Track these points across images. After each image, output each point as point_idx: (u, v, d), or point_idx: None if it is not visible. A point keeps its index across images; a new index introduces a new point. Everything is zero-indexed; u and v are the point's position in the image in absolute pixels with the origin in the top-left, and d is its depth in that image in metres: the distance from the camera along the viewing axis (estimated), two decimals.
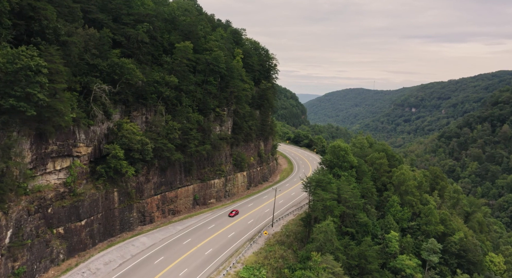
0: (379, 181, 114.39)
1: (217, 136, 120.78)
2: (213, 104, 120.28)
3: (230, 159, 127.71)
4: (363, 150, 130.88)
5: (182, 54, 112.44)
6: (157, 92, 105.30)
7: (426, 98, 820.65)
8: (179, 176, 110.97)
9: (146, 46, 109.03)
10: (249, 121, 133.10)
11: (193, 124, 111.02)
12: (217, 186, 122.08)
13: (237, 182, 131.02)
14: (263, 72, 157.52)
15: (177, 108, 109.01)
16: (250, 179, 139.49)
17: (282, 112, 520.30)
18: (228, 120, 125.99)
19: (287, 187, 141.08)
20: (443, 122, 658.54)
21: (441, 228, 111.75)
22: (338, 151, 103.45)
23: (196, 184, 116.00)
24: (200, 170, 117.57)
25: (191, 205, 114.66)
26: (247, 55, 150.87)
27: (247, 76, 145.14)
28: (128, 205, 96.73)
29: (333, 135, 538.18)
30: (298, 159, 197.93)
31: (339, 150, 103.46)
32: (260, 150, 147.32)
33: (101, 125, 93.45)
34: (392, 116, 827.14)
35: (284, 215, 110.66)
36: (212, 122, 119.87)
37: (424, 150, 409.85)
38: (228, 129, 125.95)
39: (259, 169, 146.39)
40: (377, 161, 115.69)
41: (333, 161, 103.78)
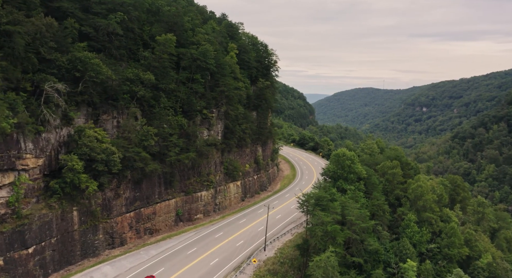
0: (392, 195, 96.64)
1: (205, 142, 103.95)
2: (199, 105, 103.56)
3: (220, 167, 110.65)
4: (373, 157, 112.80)
5: (161, 48, 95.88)
6: (131, 91, 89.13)
7: (437, 97, 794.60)
8: (158, 189, 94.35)
9: (120, 39, 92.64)
10: (243, 124, 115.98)
11: (174, 128, 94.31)
12: (205, 199, 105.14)
13: (229, 194, 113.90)
14: (261, 70, 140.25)
15: (155, 110, 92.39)
16: (245, 189, 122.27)
17: (289, 113, 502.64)
18: (218, 123, 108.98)
19: (286, 199, 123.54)
20: (455, 122, 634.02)
21: (466, 250, 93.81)
22: (343, 160, 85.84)
23: (179, 198, 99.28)
24: (184, 181, 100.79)
25: (173, 222, 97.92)
26: (243, 51, 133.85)
27: (242, 73, 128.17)
28: (92, 226, 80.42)
29: (342, 136, 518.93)
30: (302, 164, 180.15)
31: (344, 159, 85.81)
32: (257, 156, 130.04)
33: (58, 131, 77.41)
34: (402, 115, 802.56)
35: (280, 235, 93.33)
36: (198, 126, 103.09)
37: (437, 151, 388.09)
38: (217, 133, 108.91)
39: (256, 178, 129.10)
40: (390, 171, 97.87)
41: (337, 172, 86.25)
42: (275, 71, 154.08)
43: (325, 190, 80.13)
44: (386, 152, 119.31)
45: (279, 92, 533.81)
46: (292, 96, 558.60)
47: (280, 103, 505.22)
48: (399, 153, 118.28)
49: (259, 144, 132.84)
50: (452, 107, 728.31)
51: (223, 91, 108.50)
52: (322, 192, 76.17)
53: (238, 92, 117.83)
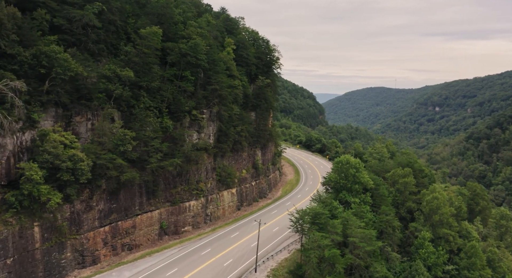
0: (404, 208, 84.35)
1: (194, 146, 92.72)
2: (188, 106, 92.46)
3: (212, 174, 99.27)
4: (382, 163, 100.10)
5: (144, 42, 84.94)
6: (107, 90, 78.50)
7: (450, 96, 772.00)
8: (139, 199, 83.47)
9: (97, 32, 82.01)
10: (238, 125, 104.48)
11: (157, 131, 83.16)
12: (194, 210, 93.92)
13: (223, 203, 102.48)
14: (261, 67, 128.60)
15: (135, 111, 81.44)
16: (241, 197, 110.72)
17: (298, 112, 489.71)
18: (210, 125, 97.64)
19: (287, 207, 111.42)
20: (469, 122, 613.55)
21: (489, 272, 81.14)
22: (346, 168, 73.70)
23: (163, 208, 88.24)
24: (169, 190, 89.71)
25: (156, 236, 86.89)
26: (242, 46, 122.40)
27: (239, 71, 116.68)
28: (58, 243, 69.87)
29: (353, 136, 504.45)
30: (307, 168, 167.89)
31: (347, 167, 73.64)
32: (256, 161, 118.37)
33: (19, 135, 67.02)
34: (414, 115, 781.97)
35: (275, 252, 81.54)
36: (186, 129, 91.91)
37: (450, 152, 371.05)
38: (209, 136, 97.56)
39: (254, 184, 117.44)
40: (401, 180, 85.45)
41: (339, 182, 74.18)
42: (277, 69, 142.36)
43: (325, 204, 68.25)
44: (397, 158, 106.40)
45: (288, 92, 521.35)
46: (302, 95, 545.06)
47: (289, 102, 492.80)
48: (412, 158, 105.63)
49: (258, 147, 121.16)
50: (465, 107, 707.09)
51: (215, 90, 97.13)
52: (321, 207, 64.35)
53: (234, 91, 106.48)
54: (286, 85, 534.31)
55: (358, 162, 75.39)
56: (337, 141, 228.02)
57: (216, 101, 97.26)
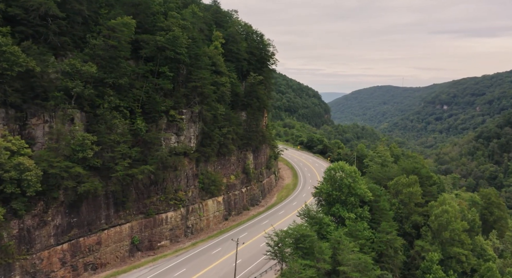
0: (408, 222, 72.84)
1: (171, 150, 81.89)
2: (165, 105, 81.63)
3: (194, 181, 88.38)
4: (385, 169, 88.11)
5: (111, 34, 74.29)
6: (65, 88, 68.17)
7: (458, 94, 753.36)
8: (105, 212, 72.90)
9: (59, 23, 71.53)
10: (224, 127, 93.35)
11: (125, 135, 72.35)
12: (172, 222, 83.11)
13: (207, 213, 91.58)
14: (254, 63, 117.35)
15: (99, 112, 70.76)
16: (229, 206, 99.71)
17: (303, 112, 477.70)
18: (190, 126, 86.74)
19: (279, 217, 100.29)
20: (478, 120, 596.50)
21: None
22: (340, 178, 62.24)
23: (135, 221, 77.60)
24: (142, 200, 79.02)
25: (126, 252, 76.23)
26: (232, 40, 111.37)
27: (228, 67, 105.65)
28: (4, 265, 59.55)
29: (359, 136, 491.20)
30: (306, 171, 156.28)
31: (341, 176, 62.20)
32: (247, 165, 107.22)
33: None
34: (422, 114, 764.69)
35: (260, 273, 70.32)
36: (163, 131, 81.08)
37: (459, 152, 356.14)
38: (190, 139, 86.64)
39: (244, 191, 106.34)
40: (405, 191, 73.84)
41: (332, 194, 62.80)
42: (272, 65, 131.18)
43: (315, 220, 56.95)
44: (402, 162, 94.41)
45: (293, 91, 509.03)
46: (307, 94, 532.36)
47: (294, 102, 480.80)
48: (418, 162, 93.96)
49: (249, 150, 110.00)
50: (474, 105, 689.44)
51: (196, 87, 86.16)
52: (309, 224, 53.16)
53: (221, 89, 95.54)
54: (290, 84, 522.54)
55: (354, 170, 63.89)
56: (340, 141, 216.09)
57: (197, 100, 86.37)
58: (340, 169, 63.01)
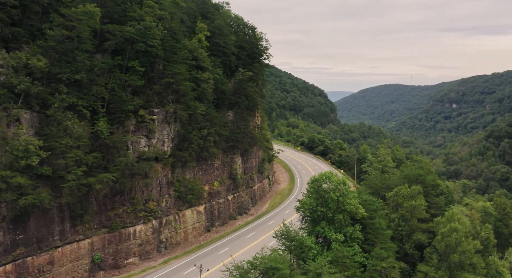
0: (410, 242, 61.22)
1: (140, 155, 71.29)
2: (133, 104, 71.02)
3: (169, 190, 77.70)
4: (384, 178, 76.10)
5: (65, 22, 63.99)
6: (9, 85, 58.28)
7: (467, 93, 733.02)
8: (59, 226, 62.54)
9: (8, 11, 61.69)
10: (204, 128, 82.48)
11: (80, 138, 61.86)
12: (142, 236, 72.49)
13: (185, 225, 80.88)
14: (243, 57, 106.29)
15: (49, 112, 60.41)
16: (212, 216, 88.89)
17: (309, 111, 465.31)
18: (164, 128, 76.01)
19: (268, 228, 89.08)
20: (488, 119, 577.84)
21: None
22: (325, 192, 50.75)
23: (97, 237, 67.13)
24: (105, 213, 68.54)
25: (86, 272, 65.77)
26: (219, 33, 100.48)
27: (213, 62, 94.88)
28: None
29: (365, 135, 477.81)
30: (304, 174, 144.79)
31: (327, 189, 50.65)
32: (234, 170, 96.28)
33: None
34: (430, 112, 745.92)
35: None
36: (130, 134, 70.51)
37: (469, 152, 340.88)
38: (163, 142, 75.93)
39: (230, 199, 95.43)
40: (407, 204, 62.13)
41: (317, 211, 51.41)
42: (265, 60, 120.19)
43: (294, 244, 45.87)
44: (404, 169, 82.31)
45: (298, 89, 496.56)
46: (312, 93, 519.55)
47: (299, 100, 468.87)
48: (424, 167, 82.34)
49: (237, 153, 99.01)
50: (484, 103, 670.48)
51: (170, 84, 75.42)
52: (281, 255, 42.01)
53: (202, 86, 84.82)
54: (296, 82, 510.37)
55: (343, 181, 52.56)
56: (343, 142, 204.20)
57: (171, 98, 75.53)
58: (326, 180, 51.80)
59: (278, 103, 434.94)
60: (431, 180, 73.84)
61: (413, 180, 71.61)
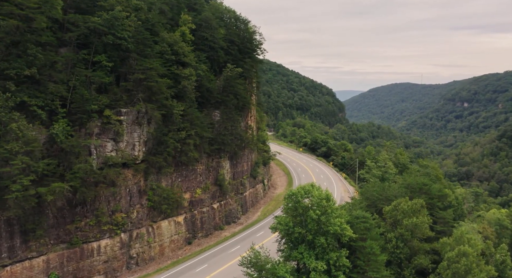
0: (410, 267, 51.29)
1: (106, 161, 62.52)
2: (97, 103, 62.30)
3: (141, 199, 68.89)
4: (384, 187, 65.44)
5: (14, 10, 55.69)
6: None
7: (479, 91, 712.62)
8: (7, 242, 54.29)
9: None
10: (183, 130, 73.44)
11: (29, 143, 53.30)
12: (108, 252, 63.77)
13: (160, 238, 71.99)
14: (234, 53, 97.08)
15: None
16: (194, 226, 79.89)
17: (316, 110, 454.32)
18: (134, 130, 67.21)
19: (257, 240, 78.98)
20: (500, 118, 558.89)
21: None
22: (304, 209, 41.03)
23: (54, 253, 58.65)
24: (64, 226, 59.96)
25: None
26: (206, 26, 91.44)
27: (198, 57, 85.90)
28: None
29: (374, 135, 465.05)
30: (304, 178, 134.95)
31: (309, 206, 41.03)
32: (220, 175, 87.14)
33: None
34: (442, 111, 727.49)
35: None
36: (94, 137, 61.86)
37: (481, 152, 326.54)
38: (133, 146, 67.09)
39: (216, 207, 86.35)
40: (407, 221, 51.95)
41: (294, 232, 41.82)
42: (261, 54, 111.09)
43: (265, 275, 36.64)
44: (407, 176, 71.56)
45: (306, 88, 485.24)
46: (320, 92, 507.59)
47: (306, 100, 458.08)
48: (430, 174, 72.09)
49: (224, 157, 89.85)
50: (496, 102, 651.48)
51: (141, 80, 66.56)
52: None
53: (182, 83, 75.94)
54: (303, 81, 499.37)
55: (327, 195, 42.90)
56: (348, 143, 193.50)
57: (141, 96, 66.61)
58: (305, 195, 42.28)
59: (285, 102, 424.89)
60: (438, 190, 63.61)
61: (416, 190, 61.62)
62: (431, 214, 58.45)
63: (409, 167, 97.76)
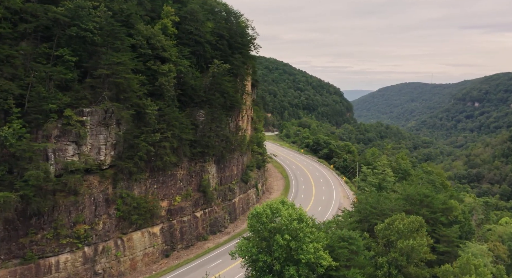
0: None
1: (66, 167, 55.27)
2: (57, 102, 55.20)
3: (108, 208, 61.52)
4: (379, 198, 56.51)
5: None
6: None
7: (491, 91, 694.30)
8: None
9: None
10: (158, 132, 65.89)
11: None
12: (68, 268, 56.54)
13: (132, 251, 64.58)
14: (223, 48, 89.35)
15: None
16: (173, 237, 72.31)
17: (323, 110, 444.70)
18: (100, 132, 59.84)
19: None
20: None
21: None
22: (270, 231, 33.10)
23: (5, 270, 51.77)
24: (16, 239, 52.83)
25: None
26: (191, 19, 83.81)
27: (181, 52, 78.43)
28: None
29: (382, 135, 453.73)
30: (302, 181, 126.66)
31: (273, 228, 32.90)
32: (204, 181, 79.42)
33: None
34: (452, 111, 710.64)
35: None
36: (52, 140, 54.68)
37: (492, 154, 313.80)
38: (99, 150, 59.73)
39: (199, 215, 78.72)
40: (402, 244, 43.41)
41: (258, 261, 33.94)
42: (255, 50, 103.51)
43: None
44: (407, 186, 62.75)
45: (312, 88, 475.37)
46: (328, 91, 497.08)
47: (313, 99, 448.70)
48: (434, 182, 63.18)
49: (209, 161, 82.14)
50: (508, 102, 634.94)
51: (107, 76, 59.16)
52: None
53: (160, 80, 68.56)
54: (310, 80, 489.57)
55: (300, 216, 34.78)
56: (351, 144, 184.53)
57: (106, 94, 59.17)
58: (272, 215, 34.22)
59: (291, 102, 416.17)
60: (442, 202, 54.98)
61: (417, 203, 53.25)
62: (433, 230, 50.11)
63: (411, 173, 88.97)
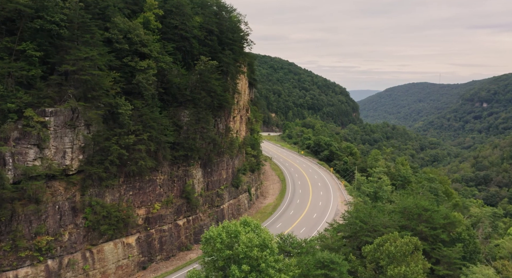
0: None
1: (28, 172, 49.63)
2: (16, 102, 49.66)
3: (75, 218, 55.78)
4: (371, 213, 49.53)
5: None
6: None
7: (499, 91, 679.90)
8: None
9: None
10: (132, 134, 59.97)
11: None
12: None
13: (102, 264, 58.79)
14: (212, 44, 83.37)
15: None
16: (151, 248, 66.39)
17: (328, 110, 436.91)
18: (65, 134, 54.09)
19: None
20: None
21: None
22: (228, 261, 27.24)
23: None
24: None
25: None
26: (176, 13, 77.87)
27: (164, 47, 72.62)
28: None
29: (388, 136, 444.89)
30: (299, 185, 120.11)
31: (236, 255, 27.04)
32: (187, 186, 73.42)
33: None
34: (460, 112, 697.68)
35: None
36: (11, 142, 49.10)
37: (500, 155, 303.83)
38: (64, 154, 53.99)
39: (182, 223, 72.75)
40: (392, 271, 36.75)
41: None
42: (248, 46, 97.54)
43: None
44: (405, 197, 55.91)
45: (318, 88, 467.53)
46: (333, 91, 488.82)
47: (319, 99, 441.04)
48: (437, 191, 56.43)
49: (194, 165, 76.14)
50: None
51: (72, 73, 53.40)
52: None
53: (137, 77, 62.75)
54: (315, 80, 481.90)
55: (264, 241, 28.56)
56: (354, 146, 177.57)
57: (71, 91, 53.40)
58: (228, 239, 27.89)
59: (296, 102, 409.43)
60: (443, 217, 48.23)
61: (414, 217, 46.70)
62: (433, 249, 43.60)
63: (411, 181, 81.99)
